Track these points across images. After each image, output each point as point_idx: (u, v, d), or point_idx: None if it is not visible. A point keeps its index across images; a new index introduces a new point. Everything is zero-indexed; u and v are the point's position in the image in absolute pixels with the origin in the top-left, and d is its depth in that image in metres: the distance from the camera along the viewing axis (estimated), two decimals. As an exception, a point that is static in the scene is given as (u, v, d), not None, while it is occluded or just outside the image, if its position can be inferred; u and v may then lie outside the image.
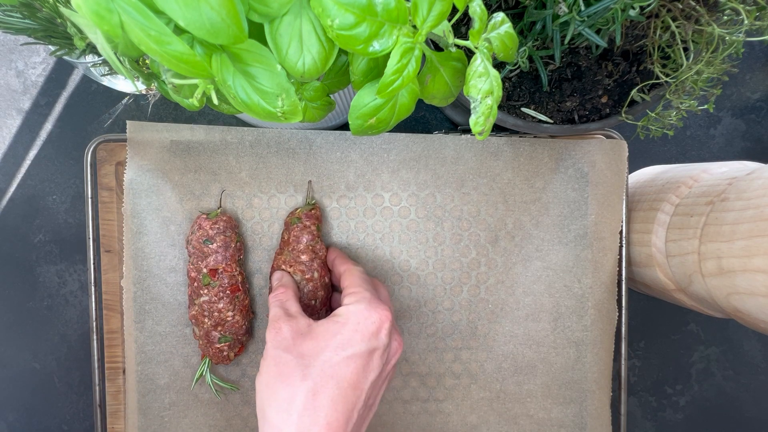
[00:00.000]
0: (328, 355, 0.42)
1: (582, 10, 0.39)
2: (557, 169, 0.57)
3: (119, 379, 0.59)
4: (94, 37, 0.26)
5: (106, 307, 0.59)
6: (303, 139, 0.56)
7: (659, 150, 0.76)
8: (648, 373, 0.77)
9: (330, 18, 0.29)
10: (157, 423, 0.57)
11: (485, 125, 0.34)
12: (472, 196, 0.57)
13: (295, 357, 0.42)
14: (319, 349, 0.42)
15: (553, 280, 0.58)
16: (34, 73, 0.71)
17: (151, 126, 0.55)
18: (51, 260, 0.73)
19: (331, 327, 0.43)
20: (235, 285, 0.53)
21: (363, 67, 0.35)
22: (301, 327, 0.44)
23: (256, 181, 0.56)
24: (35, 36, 0.39)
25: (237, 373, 0.58)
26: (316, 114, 0.39)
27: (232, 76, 0.31)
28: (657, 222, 0.56)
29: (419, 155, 0.57)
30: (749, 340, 0.77)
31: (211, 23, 0.26)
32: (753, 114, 0.76)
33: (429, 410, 0.59)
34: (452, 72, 0.37)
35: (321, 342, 0.43)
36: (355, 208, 0.57)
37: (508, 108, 0.50)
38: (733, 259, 0.45)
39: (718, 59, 0.43)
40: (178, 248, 0.56)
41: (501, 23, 0.35)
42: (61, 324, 0.73)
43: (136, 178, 0.55)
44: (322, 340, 0.43)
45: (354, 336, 0.43)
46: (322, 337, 0.43)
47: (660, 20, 0.43)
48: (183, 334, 0.57)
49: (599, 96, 0.50)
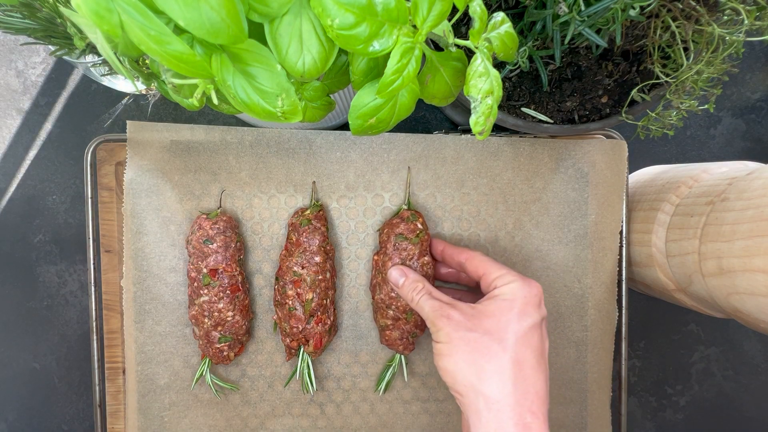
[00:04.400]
0: (515, 327, 0.44)
1: (582, 10, 0.39)
2: (557, 169, 0.57)
3: (119, 379, 0.59)
4: (94, 37, 0.26)
5: (106, 307, 0.59)
6: (303, 139, 0.56)
7: (659, 150, 0.76)
8: (648, 373, 0.77)
9: (330, 18, 0.29)
10: (157, 423, 0.57)
11: (485, 125, 0.34)
12: (472, 196, 0.57)
13: (482, 333, 0.44)
14: (502, 324, 0.44)
15: (553, 280, 0.58)
16: (34, 73, 0.71)
17: (151, 126, 0.55)
18: (51, 260, 0.73)
19: (503, 304, 0.46)
20: (235, 285, 0.53)
21: (363, 67, 0.35)
22: (466, 309, 0.46)
23: (256, 181, 0.56)
24: (35, 36, 0.39)
25: (237, 373, 0.58)
26: (316, 114, 0.39)
27: (232, 76, 0.31)
28: (657, 222, 0.56)
29: (419, 155, 0.56)
30: (749, 340, 0.77)
31: (211, 23, 0.26)
32: (753, 114, 0.75)
33: (429, 410, 0.59)
34: (452, 72, 0.37)
35: (501, 318, 0.45)
36: (355, 208, 0.57)
37: (508, 108, 0.50)
38: (733, 259, 0.45)
39: (718, 59, 0.43)
40: (178, 248, 0.56)
41: (501, 23, 0.35)
42: (61, 324, 0.73)
43: (136, 178, 0.55)
44: (501, 315, 0.45)
45: (527, 308, 0.45)
46: (500, 314, 0.45)
47: (660, 20, 0.43)
48: (183, 334, 0.57)
49: (599, 96, 0.50)
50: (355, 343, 0.58)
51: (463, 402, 0.44)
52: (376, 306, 0.55)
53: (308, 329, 0.53)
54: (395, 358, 0.57)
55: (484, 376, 0.43)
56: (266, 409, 0.58)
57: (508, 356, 0.43)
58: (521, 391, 0.43)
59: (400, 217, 0.54)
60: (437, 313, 0.46)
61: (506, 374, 0.43)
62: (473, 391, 0.43)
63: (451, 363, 0.45)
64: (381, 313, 0.54)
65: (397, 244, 0.53)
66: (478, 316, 0.45)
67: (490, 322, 0.45)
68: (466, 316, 0.45)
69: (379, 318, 0.55)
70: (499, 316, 0.45)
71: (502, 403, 0.42)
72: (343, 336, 0.58)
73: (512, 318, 0.45)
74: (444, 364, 0.45)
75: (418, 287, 0.50)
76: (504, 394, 0.43)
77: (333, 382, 0.58)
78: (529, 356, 0.44)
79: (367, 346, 0.58)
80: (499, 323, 0.45)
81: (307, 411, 0.58)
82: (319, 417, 0.58)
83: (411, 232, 0.53)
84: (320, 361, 0.58)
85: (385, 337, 0.55)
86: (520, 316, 0.45)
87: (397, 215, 0.55)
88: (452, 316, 0.46)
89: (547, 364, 0.46)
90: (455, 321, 0.45)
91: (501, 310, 0.45)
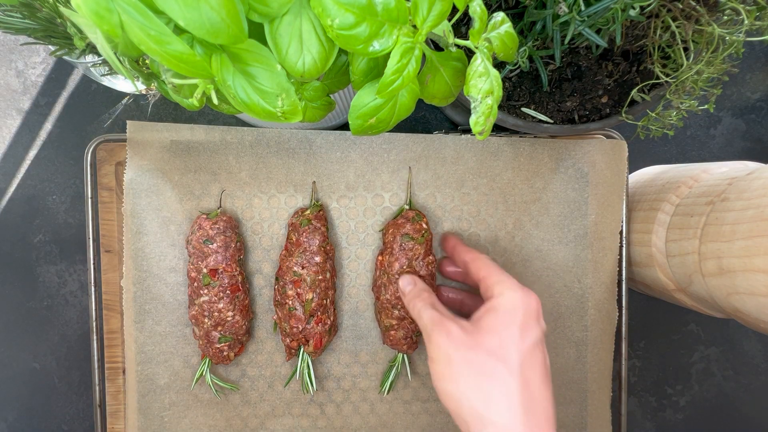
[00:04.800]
0: (519, 346, 0.42)
1: (582, 9, 0.39)
2: (557, 169, 0.57)
3: (119, 379, 0.59)
4: (94, 37, 0.26)
5: (106, 307, 0.59)
6: (303, 139, 0.56)
7: (659, 150, 0.76)
8: (648, 373, 0.77)
9: (330, 18, 0.29)
10: (157, 423, 0.57)
11: (485, 125, 0.34)
12: (472, 196, 0.57)
13: (486, 354, 0.42)
14: (505, 341, 0.42)
15: (553, 280, 0.58)
16: (34, 73, 0.71)
17: (151, 126, 0.55)
18: (51, 260, 0.73)
19: (504, 318, 0.43)
20: (235, 285, 0.53)
21: (363, 67, 0.35)
22: (465, 325, 0.44)
23: (256, 181, 0.56)
24: (35, 36, 0.39)
25: (237, 373, 0.58)
26: (316, 114, 0.39)
27: (232, 76, 0.31)
28: (657, 222, 0.56)
29: (419, 155, 0.56)
30: (749, 340, 0.77)
31: (211, 23, 0.26)
32: (753, 114, 0.75)
33: (429, 410, 0.59)
34: (452, 72, 0.37)
35: (503, 334, 0.43)
36: (355, 208, 0.57)
37: (508, 108, 0.50)
38: (733, 259, 0.45)
39: (718, 59, 0.43)
40: (178, 248, 0.56)
41: (501, 23, 0.35)
42: (61, 324, 0.73)
43: (136, 178, 0.55)
44: (503, 332, 0.43)
45: (528, 322, 0.43)
46: (501, 330, 0.43)
47: (660, 20, 0.43)
48: (183, 334, 0.57)
49: (599, 96, 0.50)
50: (355, 343, 0.58)
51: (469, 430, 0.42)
52: (380, 306, 0.55)
53: (308, 329, 0.53)
54: (398, 357, 0.57)
55: (491, 401, 0.41)
56: (266, 409, 0.58)
57: (514, 379, 0.41)
58: (531, 415, 0.41)
59: (405, 217, 0.54)
60: (435, 325, 0.45)
61: (514, 398, 0.41)
62: (480, 419, 0.41)
63: (453, 387, 0.42)
64: (386, 313, 0.54)
65: (403, 244, 0.53)
66: (479, 332, 0.43)
67: (491, 340, 0.43)
68: (466, 332, 0.43)
69: (384, 318, 0.55)
70: (501, 333, 0.43)
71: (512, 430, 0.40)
72: (343, 336, 0.58)
73: (514, 334, 0.43)
74: (446, 388, 0.43)
75: (423, 296, 0.49)
76: (513, 422, 0.40)
77: (333, 382, 0.58)
78: (534, 376, 0.42)
79: (367, 346, 0.58)
80: (501, 341, 0.43)
81: (307, 411, 0.58)
82: (319, 417, 0.58)
83: (417, 232, 0.53)
84: (320, 361, 0.58)
85: (389, 337, 0.55)
86: (522, 332, 0.43)
87: (401, 215, 0.55)
88: (452, 332, 0.44)
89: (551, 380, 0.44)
90: (455, 337, 0.43)
91: (502, 326, 0.43)
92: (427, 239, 0.54)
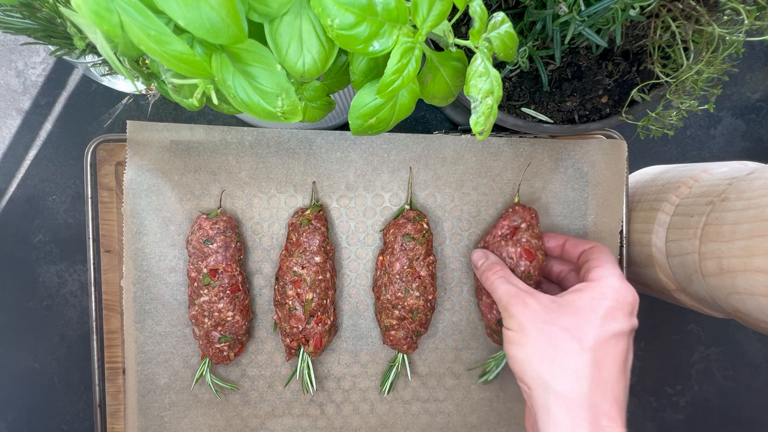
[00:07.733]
0: (597, 330, 0.41)
1: (582, 9, 0.39)
2: (557, 169, 0.57)
3: (119, 379, 0.59)
4: (94, 37, 0.26)
5: (106, 307, 0.59)
6: (303, 139, 0.56)
7: (659, 150, 0.76)
8: (648, 373, 0.77)
9: (330, 18, 0.29)
10: (157, 423, 0.57)
11: (485, 125, 0.34)
12: (472, 196, 0.57)
13: (561, 329, 0.42)
14: (583, 323, 0.42)
15: (553, 280, 0.58)
16: (34, 73, 0.71)
17: (151, 126, 0.55)
18: (51, 260, 0.73)
19: (589, 303, 0.43)
20: (235, 285, 0.53)
21: (363, 67, 0.35)
22: (544, 301, 0.44)
23: (256, 181, 0.56)
24: (35, 36, 0.39)
25: (237, 373, 0.58)
26: (316, 114, 0.39)
27: (232, 76, 0.31)
28: (657, 222, 0.56)
29: (419, 155, 0.56)
30: (749, 340, 0.77)
31: (211, 23, 0.26)
32: (753, 114, 0.75)
33: (429, 410, 0.59)
34: (452, 72, 0.37)
35: (583, 317, 0.42)
36: (355, 208, 0.57)
37: (508, 108, 0.50)
38: (733, 259, 0.45)
39: (718, 59, 0.43)
40: (178, 248, 0.56)
41: (501, 23, 0.35)
42: (61, 324, 0.73)
43: (136, 178, 0.55)
44: (583, 314, 0.42)
45: (616, 312, 0.42)
46: (583, 313, 0.42)
47: (660, 20, 0.43)
48: (183, 334, 0.57)
49: (599, 96, 0.50)
50: (355, 343, 0.58)
51: (530, 395, 0.42)
52: (381, 306, 0.55)
53: (308, 329, 0.53)
54: (398, 357, 0.57)
55: (558, 372, 0.41)
56: (266, 409, 0.58)
57: (586, 356, 0.41)
58: (599, 394, 0.40)
59: (406, 217, 0.54)
60: (513, 298, 0.44)
61: (583, 373, 0.40)
62: (543, 385, 0.41)
63: (521, 353, 0.42)
64: (386, 313, 0.54)
65: (404, 244, 0.53)
66: (559, 310, 0.43)
67: (570, 320, 0.42)
68: (544, 308, 0.43)
69: (384, 318, 0.55)
70: (582, 316, 0.42)
71: (576, 403, 0.40)
72: (343, 336, 0.58)
73: (596, 320, 0.42)
74: (514, 353, 0.43)
75: (496, 269, 0.48)
76: (579, 394, 0.40)
77: (333, 382, 0.58)
78: (609, 362, 0.41)
79: (367, 346, 0.58)
80: (580, 322, 0.42)
81: (307, 411, 0.58)
82: (319, 417, 0.58)
83: (418, 232, 0.53)
84: (320, 361, 0.58)
85: (389, 337, 0.55)
86: (605, 319, 0.42)
87: (401, 215, 0.55)
88: (529, 304, 0.43)
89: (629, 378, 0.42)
90: (532, 310, 0.43)
91: (585, 309, 0.42)
92: (428, 239, 0.54)
